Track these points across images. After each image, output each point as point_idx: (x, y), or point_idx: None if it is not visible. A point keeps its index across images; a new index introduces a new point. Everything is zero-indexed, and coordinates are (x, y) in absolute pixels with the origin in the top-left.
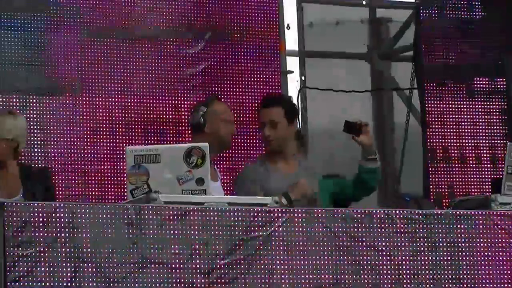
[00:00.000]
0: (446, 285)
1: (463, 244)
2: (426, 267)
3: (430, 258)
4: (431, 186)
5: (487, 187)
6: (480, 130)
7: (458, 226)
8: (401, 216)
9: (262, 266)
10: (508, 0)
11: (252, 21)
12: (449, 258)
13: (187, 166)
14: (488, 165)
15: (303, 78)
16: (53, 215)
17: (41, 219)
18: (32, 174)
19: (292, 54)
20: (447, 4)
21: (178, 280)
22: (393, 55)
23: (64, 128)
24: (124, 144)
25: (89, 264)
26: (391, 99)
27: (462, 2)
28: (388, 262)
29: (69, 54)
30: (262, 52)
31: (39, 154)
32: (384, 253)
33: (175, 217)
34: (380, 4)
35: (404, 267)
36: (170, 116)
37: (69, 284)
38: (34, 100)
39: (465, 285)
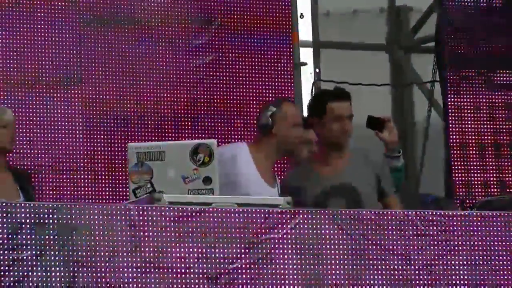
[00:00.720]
0: None
1: (486, 248)
2: (447, 272)
3: (451, 262)
4: (454, 186)
5: None
6: (505, 126)
7: (481, 228)
8: (421, 218)
9: (274, 271)
10: None
11: (263, 9)
12: (471, 262)
13: (194, 164)
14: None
15: (317, 70)
16: (50, 216)
17: (37, 221)
18: (22, 176)
19: (306, 45)
20: None
21: (183, 286)
22: (413, 46)
23: (56, 123)
24: (121, 141)
25: (88, 269)
26: (412, 93)
27: None
28: (407, 267)
29: (63, 43)
30: (273, 42)
31: (28, 151)
32: (403, 257)
33: (181, 219)
34: None
35: (424, 271)
36: (172, 111)
37: None
38: (22, 93)
39: None
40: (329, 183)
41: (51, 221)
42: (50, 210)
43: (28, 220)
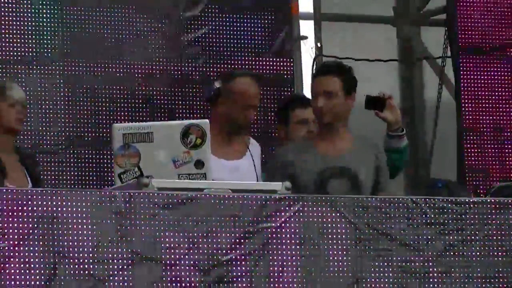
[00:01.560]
0: (482, 285)
1: (502, 238)
2: (459, 264)
3: (464, 253)
4: (466, 171)
5: None
6: None
7: (497, 216)
8: (431, 205)
9: (271, 263)
10: None
11: None
12: (485, 253)
13: (184, 146)
14: None
15: (319, 45)
16: (29, 203)
17: (15, 208)
18: (28, 158)
19: (306, 17)
20: None
21: (173, 279)
22: (423, 18)
23: (36, 103)
24: (107, 121)
25: (71, 260)
26: (421, 70)
27: None
28: (416, 258)
29: (43, 18)
30: (271, 14)
31: None
32: (411, 247)
33: (171, 206)
34: None
35: (434, 263)
36: (161, 89)
37: (47, 283)
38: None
39: (503, 285)
40: (330, 162)
41: (29, 208)
42: (29, 197)
43: (5, 207)
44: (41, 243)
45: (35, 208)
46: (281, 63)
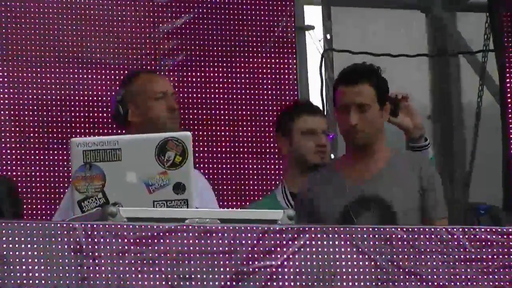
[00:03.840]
0: None
1: None
2: None
3: None
4: None
5: None
6: None
7: None
8: (471, 237)
9: None
10: None
11: None
12: None
13: (161, 166)
14: None
15: (328, 36)
16: None
17: None
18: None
19: (313, 2)
20: None
21: None
22: (459, 1)
23: None
24: (64, 136)
25: None
26: (457, 67)
27: None
28: None
29: None
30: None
31: None
32: None
33: (144, 241)
34: None
35: None
36: None
37: None
38: None
39: None
40: (355, 192)
41: None
42: None
43: None
44: None
45: None
46: (282, 61)
